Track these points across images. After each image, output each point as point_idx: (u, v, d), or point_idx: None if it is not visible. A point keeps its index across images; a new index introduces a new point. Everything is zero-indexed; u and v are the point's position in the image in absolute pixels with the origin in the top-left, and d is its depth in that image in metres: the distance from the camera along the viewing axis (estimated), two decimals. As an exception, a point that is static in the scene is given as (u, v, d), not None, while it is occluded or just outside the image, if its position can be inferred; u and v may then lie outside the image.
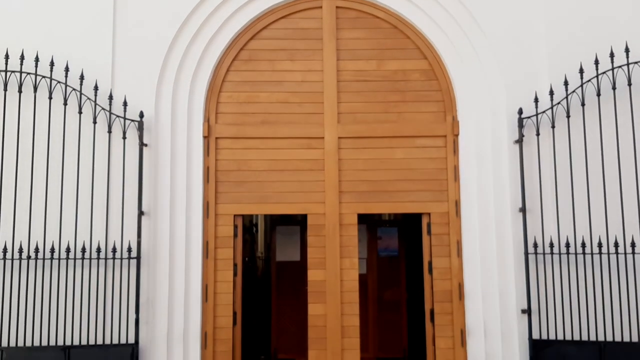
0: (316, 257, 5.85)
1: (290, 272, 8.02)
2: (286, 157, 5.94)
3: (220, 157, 5.92)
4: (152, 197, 5.58)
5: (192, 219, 5.72)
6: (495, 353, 5.53)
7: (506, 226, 5.60)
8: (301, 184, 5.91)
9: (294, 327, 7.88)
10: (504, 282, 5.56)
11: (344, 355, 5.71)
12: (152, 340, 5.44)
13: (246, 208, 5.91)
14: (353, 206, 5.89)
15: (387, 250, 8.17)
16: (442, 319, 5.75)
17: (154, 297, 5.50)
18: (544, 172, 5.54)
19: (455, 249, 5.79)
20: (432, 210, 5.88)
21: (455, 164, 5.89)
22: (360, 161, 5.94)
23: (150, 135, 5.63)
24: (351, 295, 5.79)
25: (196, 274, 5.67)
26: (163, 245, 5.58)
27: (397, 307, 8.07)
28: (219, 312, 5.74)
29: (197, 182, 5.78)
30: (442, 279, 5.79)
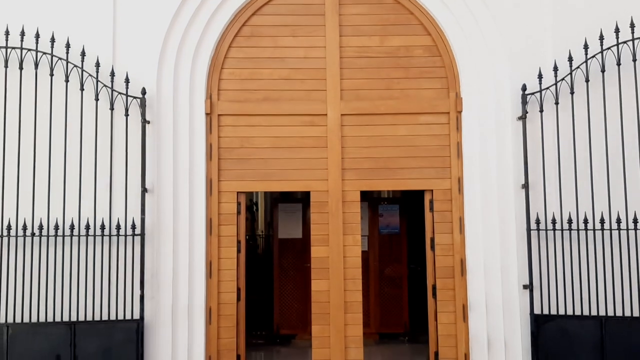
0: (319, 233, 5.87)
1: (292, 250, 8.08)
2: (289, 134, 5.92)
3: (223, 134, 5.90)
4: (155, 174, 5.58)
5: (196, 196, 5.73)
6: (496, 328, 5.59)
7: (509, 202, 5.62)
8: (304, 161, 5.91)
9: (295, 304, 7.97)
10: (506, 258, 5.59)
11: (347, 330, 5.77)
12: (157, 315, 5.49)
13: (249, 185, 5.91)
14: (356, 183, 5.90)
15: (388, 228, 8.21)
16: (444, 295, 5.80)
17: (159, 274, 5.53)
18: (547, 148, 5.54)
19: (458, 225, 5.82)
20: (435, 187, 5.89)
21: (458, 140, 5.88)
22: (363, 138, 5.93)
23: (153, 112, 5.61)
24: (354, 272, 5.83)
25: (200, 250, 5.70)
26: (167, 222, 5.59)
27: (398, 284, 8.14)
28: (223, 288, 5.78)
29: (200, 159, 5.77)
30: (445, 255, 5.83)
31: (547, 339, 5.33)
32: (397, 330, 8.05)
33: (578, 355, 5.25)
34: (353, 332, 5.77)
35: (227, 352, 5.73)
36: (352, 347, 5.75)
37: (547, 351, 5.32)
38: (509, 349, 5.53)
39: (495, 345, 5.58)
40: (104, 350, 5.29)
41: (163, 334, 5.49)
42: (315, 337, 5.78)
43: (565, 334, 5.30)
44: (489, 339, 5.60)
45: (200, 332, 5.63)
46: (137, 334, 5.33)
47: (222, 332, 5.74)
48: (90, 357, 5.25)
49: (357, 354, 5.75)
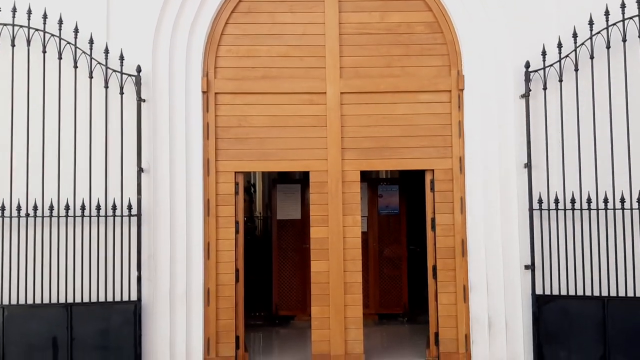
0: (319, 214, 5.80)
1: (291, 231, 8.01)
2: (287, 113, 5.81)
3: (220, 113, 5.79)
4: (151, 154, 5.48)
5: (192, 176, 5.63)
6: (497, 308, 5.54)
7: (511, 182, 5.53)
8: (303, 141, 5.81)
9: (295, 285, 7.92)
10: (508, 238, 5.53)
11: (346, 311, 5.71)
12: (155, 297, 5.42)
13: (247, 165, 5.82)
14: (356, 163, 5.80)
15: (388, 209, 8.13)
16: (444, 275, 5.74)
17: (156, 255, 5.46)
18: (551, 127, 5.44)
19: (459, 205, 5.74)
20: (436, 167, 5.80)
21: (460, 119, 5.78)
22: (363, 117, 5.83)
23: (148, 91, 5.49)
24: (354, 252, 5.76)
25: (197, 231, 5.62)
26: (163, 203, 5.50)
27: (397, 264, 8.08)
28: (221, 269, 5.72)
29: (197, 138, 5.66)
30: (445, 235, 5.76)
31: (548, 320, 5.29)
32: (397, 311, 8.02)
33: (580, 335, 5.20)
34: (353, 313, 5.72)
35: (225, 333, 5.68)
36: (351, 328, 5.71)
37: (548, 332, 5.28)
38: (510, 330, 5.49)
39: (496, 326, 5.54)
40: (101, 332, 5.24)
41: (161, 316, 5.43)
42: (315, 318, 5.73)
43: (566, 315, 5.26)
44: (490, 319, 5.56)
45: (198, 314, 5.58)
46: (134, 315, 5.27)
47: (220, 314, 5.69)
48: (87, 338, 5.21)
49: (357, 335, 5.71)
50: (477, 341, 5.60)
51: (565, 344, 5.24)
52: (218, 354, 5.65)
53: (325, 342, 5.69)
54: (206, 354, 5.62)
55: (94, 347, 5.21)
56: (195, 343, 5.55)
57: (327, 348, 5.68)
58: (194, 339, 5.55)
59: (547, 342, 5.28)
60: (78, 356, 5.18)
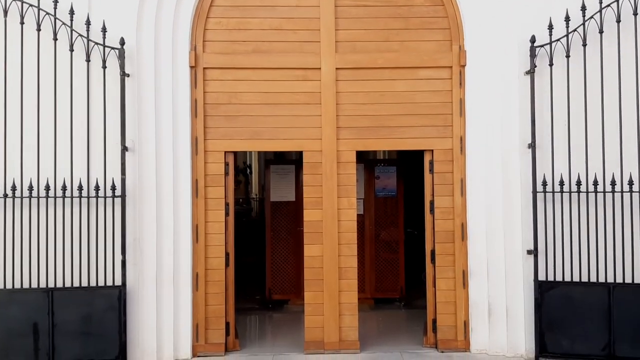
0: (312, 196, 5.55)
1: (285, 213, 7.77)
2: (280, 90, 5.53)
3: (209, 89, 5.51)
4: (136, 132, 5.20)
5: (180, 155, 5.37)
6: (498, 295, 5.33)
7: (514, 163, 5.28)
8: (296, 119, 5.54)
9: (288, 268, 7.71)
10: (510, 221, 5.29)
11: (341, 297, 5.49)
12: (141, 282, 5.19)
13: (237, 144, 5.54)
14: (351, 142, 5.54)
15: (385, 190, 7.88)
16: (443, 260, 5.51)
17: (142, 238, 5.21)
18: (557, 105, 5.17)
19: (459, 187, 5.49)
20: (436, 147, 5.54)
21: (461, 97, 5.51)
22: (359, 94, 5.55)
23: (133, 65, 5.20)
24: (349, 236, 5.52)
25: (185, 213, 5.37)
26: (149, 183, 5.24)
27: (394, 248, 7.87)
28: (211, 253, 5.48)
29: (184, 116, 5.39)
30: (444, 218, 5.52)
31: (551, 307, 5.08)
32: (393, 295, 7.81)
33: (584, 323, 5.00)
34: (348, 298, 5.50)
35: (215, 319, 5.46)
36: (346, 314, 5.49)
37: (550, 319, 5.08)
38: (511, 317, 5.29)
39: (497, 313, 5.33)
40: (84, 318, 5.00)
41: (147, 301, 5.21)
42: (308, 304, 5.51)
43: (570, 302, 5.04)
44: (490, 306, 5.35)
45: (186, 299, 5.36)
46: (119, 301, 5.04)
47: (209, 299, 5.46)
48: (69, 324, 4.98)
49: (352, 321, 5.49)
50: (477, 328, 5.39)
51: (568, 332, 5.04)
52: (207, 341, 5.44)
53: (319, 329, 5.48)
54: (195, 341, 5.41)
55: (76, 333, 4.98)
56: (183, 329, 5.34)
57: (321, 335, 5.47)
58: (182, 326, 5.33)
59: (549, 330, 5.08)
60: (60, 343, 4.95)
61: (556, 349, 5.06)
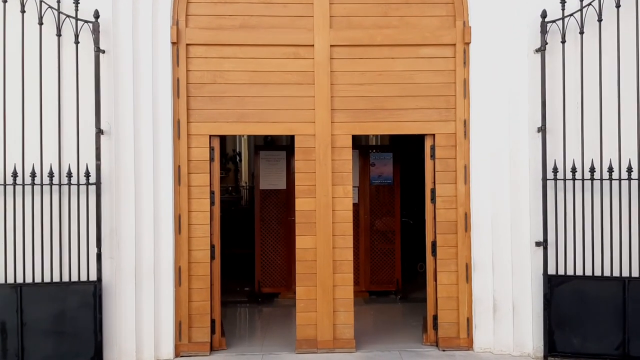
0: (305, 184, 5.15)
1: (275, 202, 7.38)
2: (269, 69, 5.11)
3: (193, 68, 5.08)
4: (112, 114, 4.77)
5: (161, 139, 4.95)
6: (504, 290, 4.98)
7: (522, 148, 4.91)
8: (287, 100, 5.12)
9: (279, 260, 7.33)
10: (517, 211, 4.93)
11: (335, 292, 5.12)
12: (118, 276, 4.78)
13: (223, 127, 5.12)
14: (347, 126, 5.14)
15: (380, 178, 7.50)
16: (445, 252, 5.15)
17: (119, 229, 4.80)
18: (569, 86, 4.80)
19: (463, 174, 5.11)
20: (437, 131, 5.15)
21: (466, 77, 5.11)
22: (355, 74, 5.15)
23: (108, 40, 4.76)
24: (344, 227, 5.14)
25: (167, 202, 4.96)
26: (127, 170, 4.82)
27: (390, 238, 7.51)
28: (195, 245, 5.08)
29: (165, 96, 4.96)
30: (447, 208, 5.14)
31: (561, 302, 4.74)
32: (389, 288, 7.46)
33: (596, 320, 4.65)
34: (343, 294, 5.13)
35: (199, 316, 5.07)
36: (341, 310, 5.12)
37: (560, 316, 4.74)
38: (518, 313, 4.94)
39: (502, 309, 4.98)
40: (56, 316, 4.60)
41: (125, 298, 4.80)
42: (300, 299, 5.13)
43: (582, 297, 4.70)
44: (495, 302, 5.00)
45: (168, 295, 4.96)
46: (94, 297, 4.64)
47: (193, 295, 5.07)
48: (40, 323, 4.58)
49: (347, 318, 5.12)
50: (480, 326, 5.04)
51: (579, 329, 4.70)
52: (191, 340, 5.05)
53: (312, 326, 5.11)
54: (177, 340, 5.02)
55: (47, 332, 4.58)
56: (164, 328, 4.94)
57: (314, 333, 5.10)
58: (164, 324, 4.94)
59: (559, 328, 4.74)
60: (30, 343, 4.55)
61: (566, 347, 4.73)
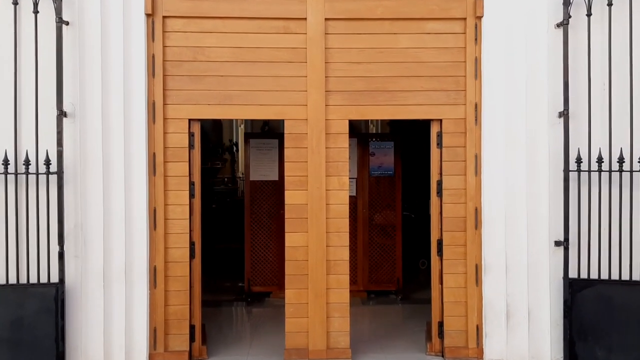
0: (295, 174, 4.61)
1: (266, 194, 6.83)
2: (256, 45, 4.55)
3: (170, 43, 4.51)
4: (77, 93, 4.22)
5: (133, 123, 4.39)
6: (518, 294, 4.44)
7: (541, 136, 4.37)
8: (276, 81, 4.56)
9: (270, 257, 6.80)
10: (535, 206, 4.40)
11: (329, 295, 4.58)
12: (84, 278, 4.25)
13: (204, 110, 4.56)
14: (343, 110, 4.59)
15: (380, 169, 6.95)
16: (452, 252, 4.60)
17: (85, 224, 4.26)
18: (595, 65, 4.27)
19: (473, 165, 4.56)
20: (445, 116, 4.60)
21: (477, 55, 4.55)
22: (353, 51, 4.59)
23: (73, 11, 4.21)
24: (339, 223, 4.59)
25: (140, 194, 4.41)
26: (94, 157, 4.27)
27: (391, 234, 6.97)
28: (172, 242, 4.53)
29: (139, 75, 4.40)
30: (455, 202, 4.60)
31: (583, 309, 4.23)
32: (389, 287, 6.93)
33: (624, 330, 4.15)
34: (337, 298, 4.59)
35: (177, 322, 4.54)
36: (335, 316, 4.59)
37: (583, 324, 4.22)
38: (534, 321, 4.42)
39: (516, 316, 4.45)
40: (13, 322, 4.09)
41: (92, 302, 4.27)
42: (290, 304, 4.59)
43: (607, 304, 4.19)
44: (509, 307, 4.47)
45: (141, 298, 4.42)
46: (56, 301, 4.11)
47: (170, 298, 4.53)
48: (-6, 331, 4.05)
49: (343, 325, 4.59)
50: (492, 334, 4.50)
51: (604, 340, 4.19)
52: (167, 348, 4.51)
53: (303, 334, 4.57)
54: (152, 349, 4.48)
55: (2, 341, 4.07)
56: (137, 335, 4.40)
57: (305, 341, 4.57)
58: (136, 330, 4.40)
59: (581, 338, 4.22)
60: (-18, 353, 4.03)
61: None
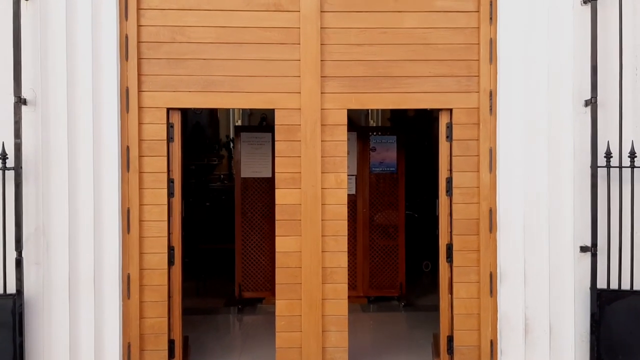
0: (287, 171, 4.10)
1: (259, 192, 6.34)
2: (243, 24, 4.04)
3: (146, 22, 4.00)
4: (38, 78, 3.71)
5: (104, 112, 3.88)
6: (538, 306, 3.94)
7: (565, 127, 3.87)
8: (265, 65, 4.05)
9: (263, 260, 6.31)
10: (558, 207, 3.89)
11: (325, 307, 4.08)
12: (47, 288, 3.74)
13: (185, 99, 4.05)
14: (341, 98, 4.08)
15: (382, 165, 6.45)
16: (464, 258, 4.10)
17: (48, 227, 3.75)
18: (627, 47, 3.76)
19: (487, 160, 4.05)
20: (456, 105, 4.09)
21: (492, 36, 4.04)
22: (352, 32, 4.08)
23: (33, -17, 3.69)
24: (337, 225, 4.09)
25: (111, 193, 3.90)
26: (58, 151, 3.77)
27: (392, 235, 6.49)
28: (148, 247, 4.03)
29: (110, 58, 3.88)
30: (467, 202, 4.10)
31: (614, 324, 3.75)
32: (391, 293, 6.45)
33: (660, 349, 3.64)
34: (334, 309, 4.09)
35: (154, 337, 4.04)
36: (332, 330, 4.09)
37: (612, 341, 3.75)
38: (556, 337, 3.91)
39: (536, 331, 3.95)
40: (-36, 340, 3.57)
41: (56, 315, 3.76)
42: (282, 316, 4.09)
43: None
44: (527, 321, 3.96)
45: (113, 311, 3.91)
46: (13, 315, 3.62)
47: (146, 310, 4.03)
48: (-58, 349, 3.54)
49: (340, 340, 4.09)
50: (508, 351, 4.00)
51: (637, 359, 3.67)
52: (143, 366, 4.02)
53: (295, 350, 4.07)
54: (125, 367, 3.98)
55: (-49, 361, 3.57)
56: (109, 352, 3.89)
57: (298, 357, 4.07)
58: (107, 347, 3.89)
59: (610, 356, 3.75)
60: None
61: (619, 381, 3.72)
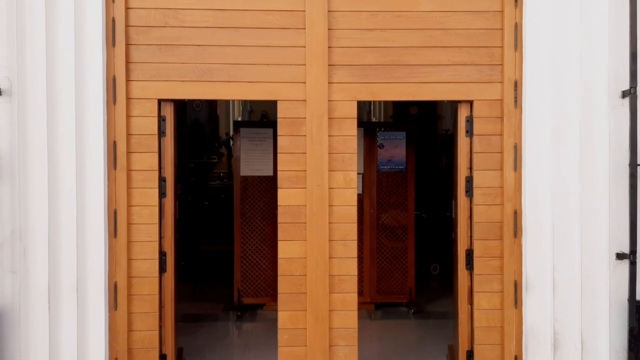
0: (291, 169, 3.72)
1: (260, 192, 5.99)
2: (242, 7, 3.67)
3: (135, 4, 3.63)
4: (13, 66, 3.34)
5: (88, 103, 3.50)
6: (568, 319, 3.56)
7: (599, 121, 3.49)
8: (267, 52, 3.68)
9: (264, 264, 5.96)
10: (591, 209, 3.52)
11: (332, 319, 3.70)
12: (23, 298, 3.37)
13: (178, 89, 3.67)
14: (351, 89, 3.70)
15: (390, 163, 6.08)
16: (485, 266, 3.72)
17: (25, 230, 3.38)
18: (671, 30, 3.37)
19: (512, 157, 3.67)
20: (477, 97, 3.71)
21: (518, 21, 3.66)
22: (363, 15, 3.70)
23: (9, -41, 3.31)
24: (345, 229, 3.71)
25: (96, 192, 3.52)
26: (37, 146, 3.39)
27: (401, 237, 6.13)
28: (137, 252, 3.65)
29: (95, 43, 3.50)
30: (489, 204, 3.72)
31: (654, 341, 3.35)
32: (399, 299, 6.09)
33: None
34: (343, 322, 3.71)
35: (143, 352, 3.66)
36: (340, 345, 3.71)
37: (652, 359, 3.35)
38: (589, 353, 3.54)
39: (566, 346, 3.57)
40: None
41: (34, 328, 3.39)
42: (284, 329, 3.71)
43: (686, 334, 3.31)
44: (556, 335, 3.58)
45: (98, 323, 3.54)
46: (-15, 329, 3.24)
47: (135, 322, 3.65)
48: None
49: (349, 355, 3.71)
50: (534, 368, 3.63)
51: (680, 380, 3.31)
52: (131, 384, 3.65)
53: (300, 366, 3.70)
54: (112, 385, 3.61)
55: None
56: (93, 368, 3.53)
57: (302, 375, 3.70)
58: (92, 362, 3.53)
59: (650, 376, 3.35)
60: None
61: (660, 404, 3.35)
